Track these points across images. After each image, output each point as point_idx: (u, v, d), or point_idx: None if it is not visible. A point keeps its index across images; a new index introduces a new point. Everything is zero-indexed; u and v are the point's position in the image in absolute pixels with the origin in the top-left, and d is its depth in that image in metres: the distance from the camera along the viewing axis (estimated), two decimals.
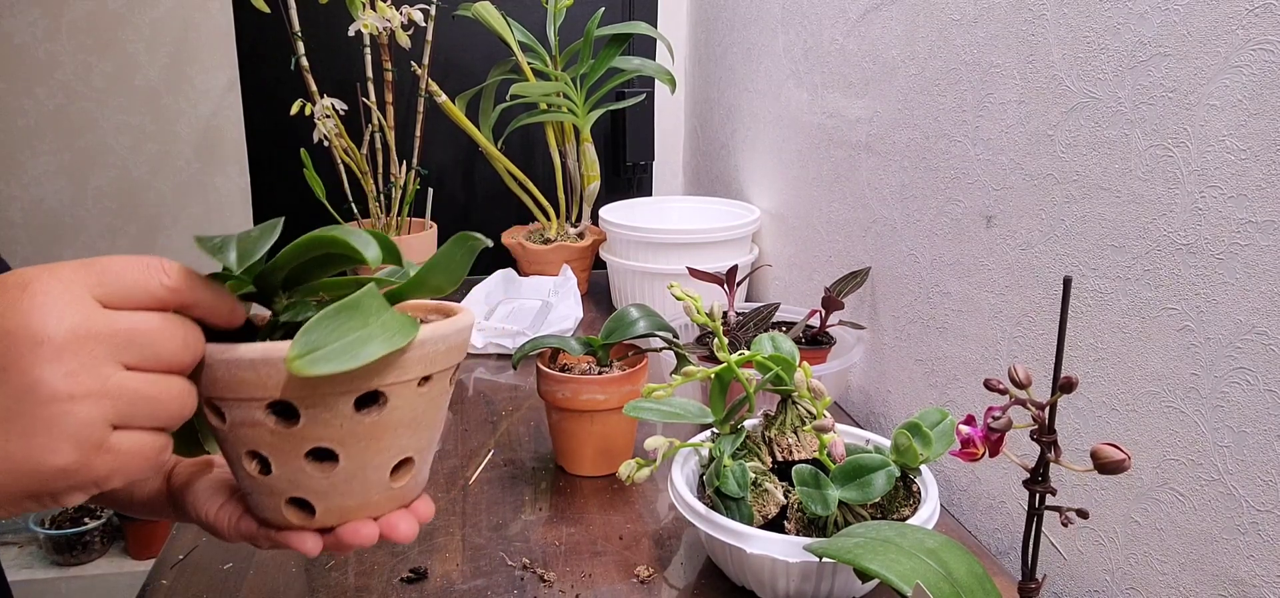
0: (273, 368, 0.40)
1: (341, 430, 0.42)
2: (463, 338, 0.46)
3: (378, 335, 0.40)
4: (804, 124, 1.15)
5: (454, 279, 0.47)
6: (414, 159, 1.35)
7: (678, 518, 0.79)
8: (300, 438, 0.42)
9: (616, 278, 1.35)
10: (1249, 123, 0.52)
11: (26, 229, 1.73)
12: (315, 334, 0.38)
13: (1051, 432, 0.48)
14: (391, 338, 0.40)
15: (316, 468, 0.43)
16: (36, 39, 1.64)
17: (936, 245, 0.85)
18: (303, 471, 0.43)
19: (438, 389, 0.46)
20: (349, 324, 0.39)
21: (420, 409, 0.45)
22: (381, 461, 0.45)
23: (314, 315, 0.39)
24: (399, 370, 0.42)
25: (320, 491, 0.44)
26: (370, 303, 0.41)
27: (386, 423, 0.43)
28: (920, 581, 0.50)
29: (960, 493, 0.84)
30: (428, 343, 0.43)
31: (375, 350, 0.39)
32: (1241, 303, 0.54)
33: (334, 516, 0.45)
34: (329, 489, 0.44)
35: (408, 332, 0.41)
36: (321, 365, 0.37)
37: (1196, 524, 0.58)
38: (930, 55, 0.84)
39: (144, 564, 1.76)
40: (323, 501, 0.44)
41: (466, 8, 1.37)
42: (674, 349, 0.85)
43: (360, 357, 0.39)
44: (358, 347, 0.39)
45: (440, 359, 0.45)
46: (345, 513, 0.45)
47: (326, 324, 0.39)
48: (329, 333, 0.39)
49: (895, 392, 0.95)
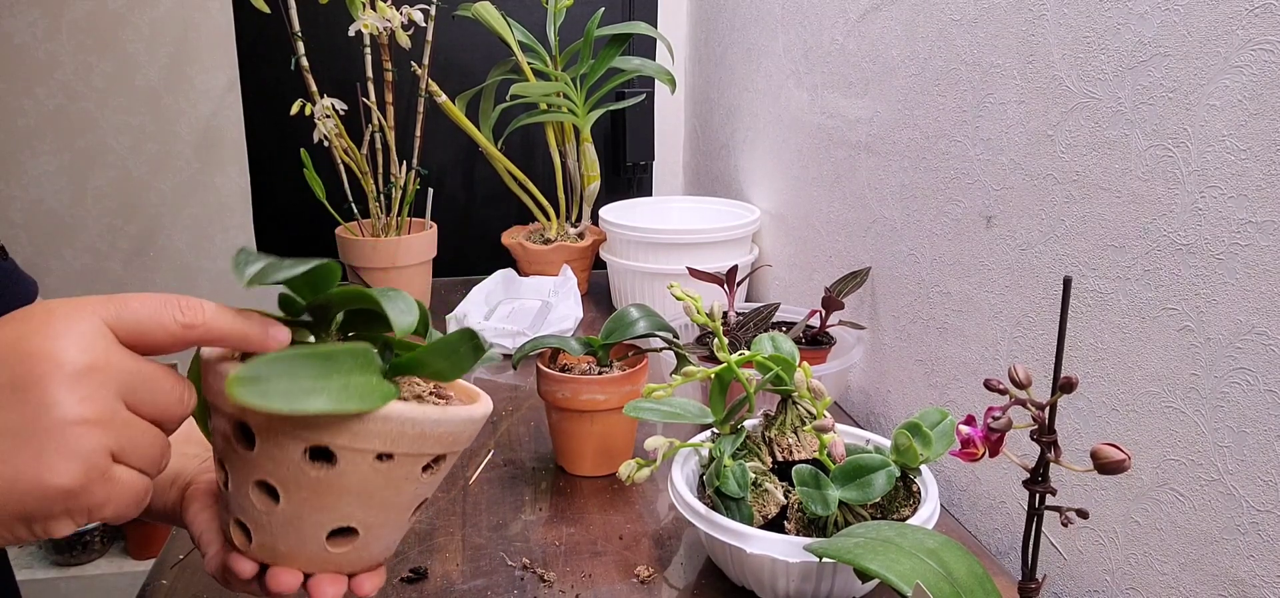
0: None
1: (287, 474, 0.42)
2: (445, 430, 0.44)
3: (330, 391, 0.39)
4: (804, 124, 1.15)
5: (457, 370, 0.45)
6: (414, 159, 1.35)
7: (678, 518, 0.79)
8: (251, 464, 0.43)
9: (616, 278, 1.35)
10: (1249, 123, 0.52)
11: (26, 229, 1.73)
12: (267, 368, 0.38)
13: (1051, 432, 0.48)
14: (342, 400, 0.39)
15: (260, 500, 0.44)
16: (36, 39, 1.64)
17: (936, 245, 0.85)
18: (248, 497, 0.44)
19: (401, 471, 0.44)
20: (307, 370, 0.39)
21: (375, 484, 0.44)
22: (321, 519, 0.44)
23: (289, 350, 0.39)
24: (352, 436, 0.41)
25: (259, 523, 0.44)
26: (346, 360, 0.40)
27: (332, 484, 0.43)
28: (920, 581, 0.50)
29: (960, 493, 0.84)
30: (390, 420, 0.42)
31: (316, 405, 0.38)
32: (1241, 303, 0.54)
33: (266, 552, 0.45)
34: (267, 525, 0.44)
35: (366, 401, 0.40)
36: (253, 395, 0.37)
37: (1196, 524, 0.58)
38: (930, 55, 0.84)
39: (144, 565, 1.76)
40: (259, 533, 0.45)
41: (466, 8, 1.37)
42: (674, 349, 0.85)
43: (298, 404, 0.38)
44: (300, 396, 0.38)
45: (407, 443, 0.43)
46: (276, 555, 0.45)
47: (285, 362, 0.39)
48: (282, 371, 0.38)
49: (895, 392, 0.95)
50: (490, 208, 1.70)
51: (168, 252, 1.78)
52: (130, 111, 1.70)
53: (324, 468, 0.42)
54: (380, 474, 0.43)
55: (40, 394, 0.37)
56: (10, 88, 1.66)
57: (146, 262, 1.78)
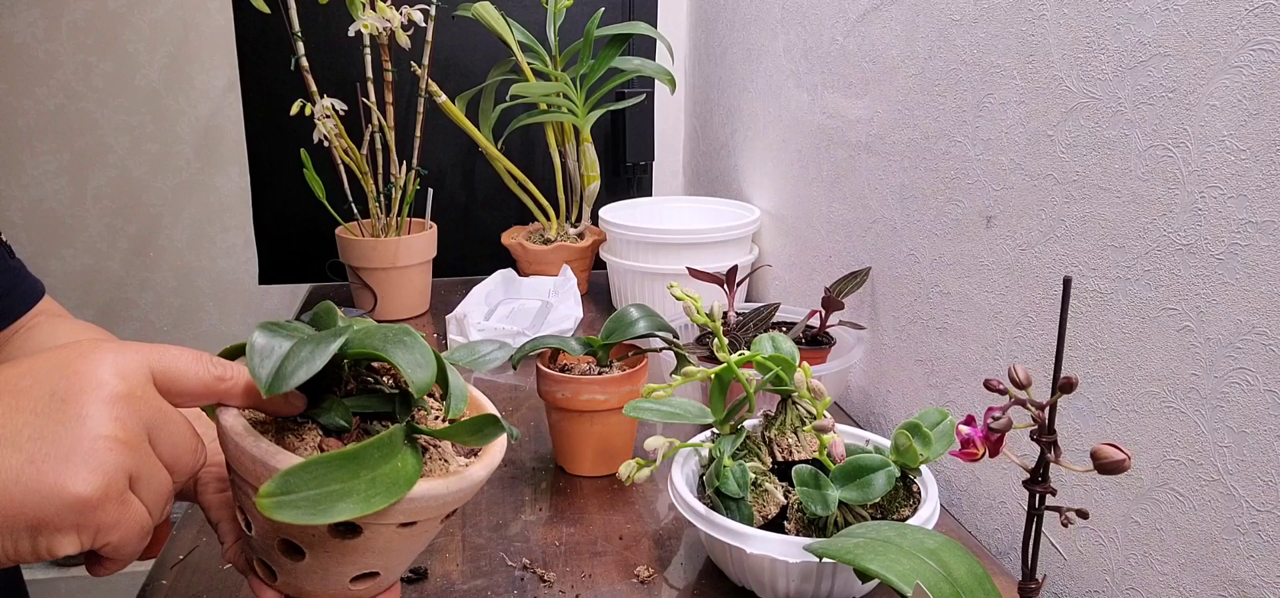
0: (264, 471, 0.42)
1: (312, 539, 0.44)
2: (464, 494, 0.46)
3: (358, 493, 0.40)
4: (804, 124, 1.15)
5: (481, 442, 0.48)
6: (414, 159, 1.35)
7: (678, 518, 0.79)
8: (275, 528, 0.44)
9: (616, 278, 1.35)
10: (1249, 123, 0.52)
11: (26, 229, 1.73)
12: (295, 478, 0.39)
13: (1051, 432, 0.48)
14: (370, 499, 0.40)
15: (285, 553, 0.45)
16: (36, 39, 1.64)
17: (936, 245, 0.85)
18: (272, 550, 0.45)
19: (422, 529, 0.46)
20: (335, 476, 0.40)
21: (397, 544, 0.46)
22: (345, 570, 0.46)
23: (314, 457, 0.40)
24: (377, 516, 0.42)
25: (284, 569, 0.46)
26: (372, 454, 0.41)
27: (358, 548, 0.44)
28: (920, 581, 0.50)
29: (960, 493, 0.84)
30: (414, 501, 0.43)
31: (344, 511, 0.39)
32: (1241, 303, 0.54)
33: (292, 589, 0.47)
34: (292, 572, 0.46)
35: (392, 495, 0.41)
36: (285, 512, 0.38)
37: (1196, 524, 0.58)
38: (930, 55, 0.84)
39: (144, 565, 1.76)
40: (284, 575, 0.47)
41: (466, 8, 1.37)
42: (674, 349, 0.85)
43: (327, 514, 0.39)
44: (329, 502, 0.39)
45: (429, 512, 0.45)
46: (301, 592, 0.47)
47: (313, 472, 0.40)
48: (309, 480, 0.39)
49: (895, 392, 0.95)
50: (490, 208, 1.70)
51: (168, 252, 1.78)
52: (130, 111, 1.70)
53: (350, 538, 0.44)
54: (403, 536, 0.45)
55: (77, 407, 0.39)
56: (10, 88, 1.66)
57: (146, 262, 1.78)
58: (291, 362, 0.41)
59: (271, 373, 0.41)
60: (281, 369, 0.41)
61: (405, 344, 0.43)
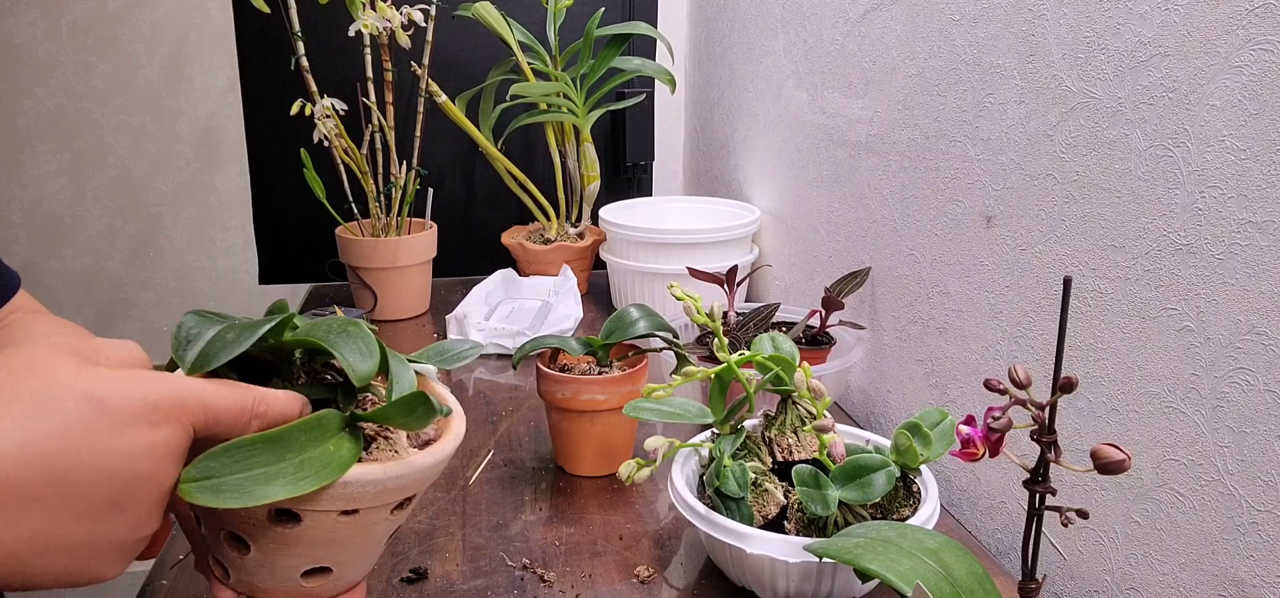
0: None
1: (254, 529, 0.43)
2: (408, 480, 0.45)
3: (285, 476, 0.39)
4: (804, 124, 1.15)
5: (417, 425, 0.46)
6: (414, 159, 1.35)
7: (678, 518, 0.79)
8: (219, 517, 0.44)
9: (616, 278, 1.35)
10: (1249, 123, 0.52)
11: (26, 229, 1.73)
12: (216, 463, 0.39)
13: (1051, 432, 0.48)
14: (297, 481, 0.40)
15: (232, 548, 0.45)
16: (36, 39, 1.64)
17: (936, 245, 0.85)
18: (221, 544, 0.45)
19: (369, 519, 0.45)
20: (259, 459, 0.39)
21: (343, 534, 0.45)
22: (293, 563, 0.45)
23: (237, 440, 0.40)
24: (312, 501, 0.42)
25: (235, 565, 0.46)
26: (299, 436, 0.41)
27: (300, 537, 0.44)
28: (920, 581, 0.50)
29: (960, 493, 0.84)
30: (350, 485, 0.42)
31: (271, 494, 0.39)
32: (1241, 303, 0.54)
33: (245, 587, 0.47)
34: (242, 567, 0.45)
35: (322, 477, 0.40)
36: (206, 497, 0.38)
37: (1196, 524, 0.58)
38: (930, 55, 0.84)
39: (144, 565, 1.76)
40: (236, 572, 0.46)
41: (466, 8, 1.37)
42: (674, 349, 0.85)
43: (252, 497, 0.39)
44: (254, 486, 0.39)
45: (370, 499, 0.44)
46: (254, 590, 0.46)
47: (235, 454, 0.39)
48: (231, 464, 0.39)
49: (895, 392, 0.95)
50: (490, 208, 1.70)
51: (168, 252, 1.78)
52: (130, 111, 1.70)
53: (289, 525, 0.43)
54: (346, 525, 0.44)
55: (135, 516, 0.39)
56: (10, 88, 1.66)
57: (146, 262, 1.78)
58: (217, 343, 0.41)
59: (196, 354, 0.41)
60: (206, 350, 0.41)
61: (348, 334, 0.42)
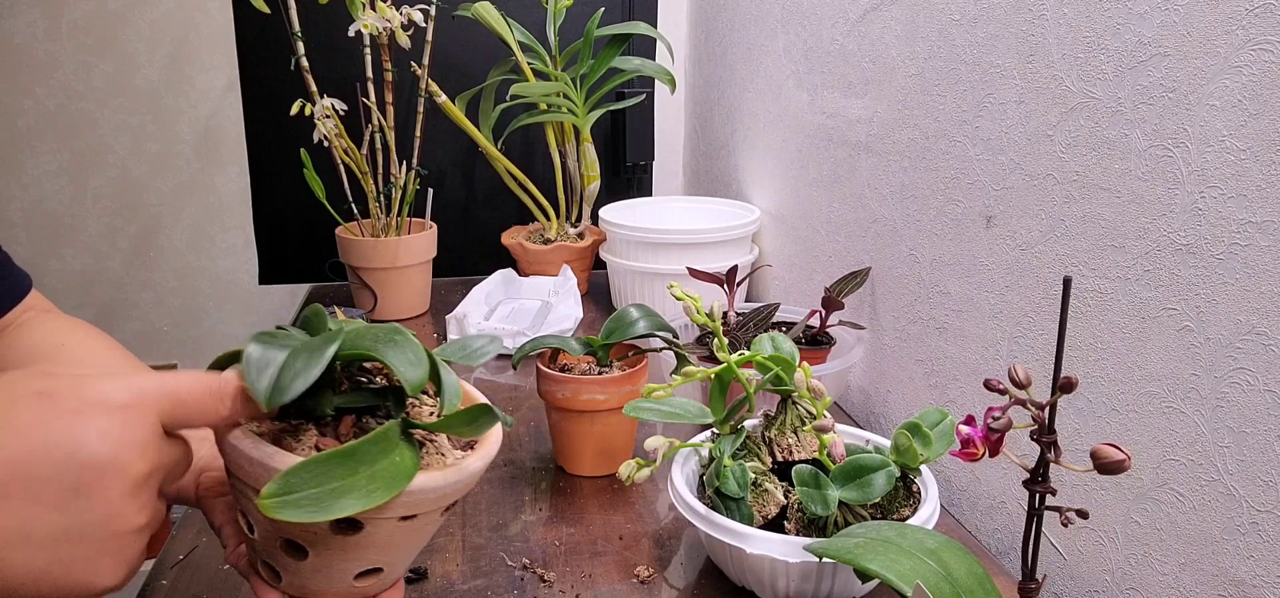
0: (264, 473, 0.42)
1: (314, 537, 0.44)
2: (463, 485, 0.46)
3: (359, 489, 0.40)
4: (804, 124, 1.15)
5: (477, 433, 0.49)
6: (414, 159, 1.35)
7: (678, 518, 0.79)
8: (278, 529, 0.44)
9: (616, 278, 1.35)
10: (1249, 123, 0.52)
11: (26, 229, 1.73)
12: (296, 478, 0.39)
13: (1051, 432, 0.48)
14: (371, 494, 0.40)
15: (289, 554, 0.45)
16: (36, 39, 1.64)
17: (936, 245, 0.85)
18: (276, 551, 0.46)
19: (423, 523, 0.46)
20: (335, 473, 0.40)
21: (398, 538, 0.46)
22: (348, 567, 0.46)
23: (314, 456, 0.40)
24: (377, 510, 0.43)
25: (288, 570, 0.46)
26: (370, 450, 0.42)
27: (360, 543, 0.45)
28: (920, 581, 0.50)
29: (960, 493, 0.84)
30: (413, 493, 0.43)
31: (347, 508, 0.40)
32: (1241, 303, 0.54)
33: (297, 590, 0.47)
34: (296, 572, 0.46)
35: (392, 488, 0.41)
36: (288, 512, 0.39)
37: (1196, 524, 0.58)
38: (930, 55, 0.84)
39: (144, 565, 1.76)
40: (288, 576, 0.47)
41: (466, 8, 1.37)
42: (674, 349, 0.85)
43: (330, 511, 0.39)
44: (331, 499, 0.39)
45: (428, 504, 0.45)
46: (306, 592, 0.47)
47: (313, 470, 0.40)
48: (310, 479, 0.39)
49: (895, 392, 0.95)
50: (490, 208, 1.70)
51: (168, 252, 1.78)
52: (130, 111, 1.70)
53: (351, 534, 0.44)
54: (403, 530, 0.45)
55: (104, 505, 0.38)
56: (10, 88, 1.66)
57: (146, 262, 1.78)
58: (288, 373, 0.41)
59: (269, 385, 0.41)
60: (279, 382, 0.41)
61: (397, 344, 0.43)
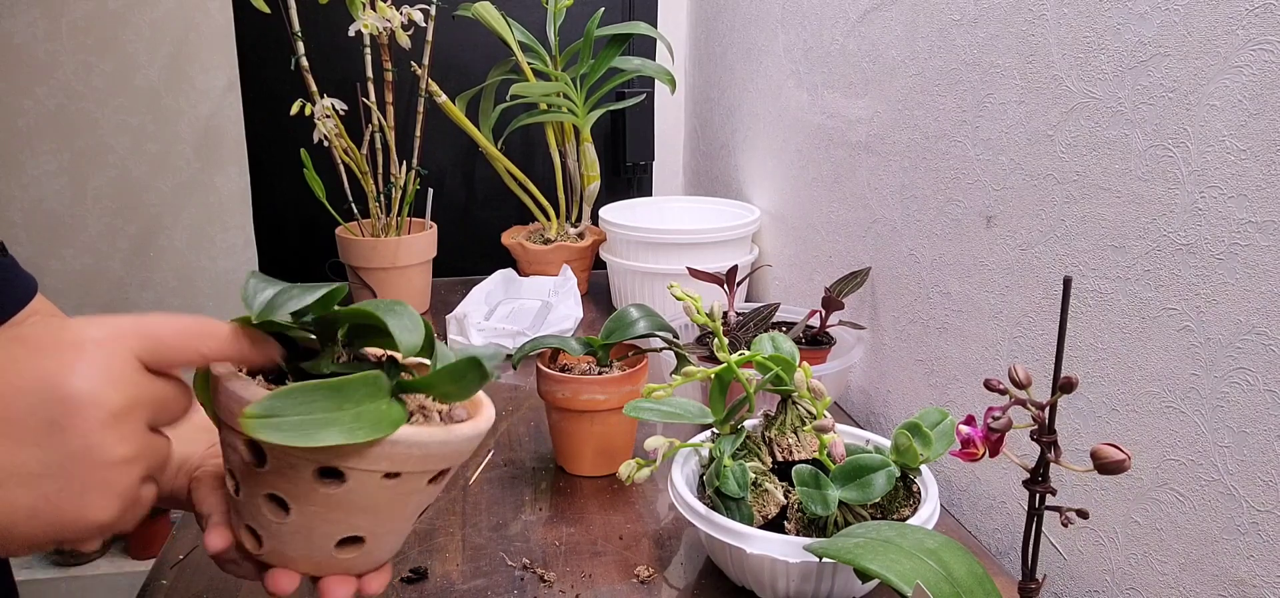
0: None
1: (297, 489, 0.44)
2: (450, 448, 0.45)
3: (342, 424, 0.40)
4: (804, 124, 1.15)
5: (464, 393, 0.47)
6: (414, 159, 1.35)
7: (678, 518, 0.79)
8: (262, 479, 0.44)
9: (616, 278, 1.35)
10: (1249, 123, 0.52)
11: (26, 229, 1.73)
12: (281, 402, 0.39)
13: (1051, 432, 0.48)
14: (354, 431, 0.40)
15: (271, 511, 0.45)
16: (36, 39, 1.64)
17: (936, 245, 0.85)
18: (259, 507, 0.45)
19: (408, 487, 0.46)
20: (321, 404, 0.40)
21: (382, 499, 0.45)
22: (330, 530, 0.46)
23: (301, 384, 0.40)
24: (360, 459, 0.42)
25: (270, 531, 0.46)
26: (357, 389, 0.42)
27: (342, 500, 0.44)
28: (920, 581, 0.50)
29: (960, 493, 0.84)
30: (397, 444, 0.43)
31: (329, 437, 0.40)
32: (1241, 303, 0.54)
33: (275, 557, 0.47)
34: (277, 533, 0.46)
35: (376, 430, 0.41)
36: (268, 432, 0.39)
37: (1196, 524, 0.58)
38: (930, 55, 0.84)
39: (144, 565, 1.76)
40: (269, 540, 0.46)
41: (466, 8, 1.37)
42: (674, 349, 0.85)
43: (312, 438, 0.39)
44: (314, 429, 0.39)
45: (414, 463, 0.44)
46: (285, 559, 0.47)
47: (299, 397, 0.40)
48: (295, 405, 0.40)
49: (895, 392, 0.95)
50: (490, 208, 1.70)
51: (168, 252, 1.78)
52: (130, 111, 1.70)
53: (334, 485, 0.43)
54: (387, 490, 0.45)
55: (82, 437, 0.37)
56: (10, 88, 1.66)
57: (146, 262, 1.78)
58: (283, 296, 0.43)
59: (265, 302, 0.42)
60: (273, 300, 0.43)
61: (396, 311, 0.44)
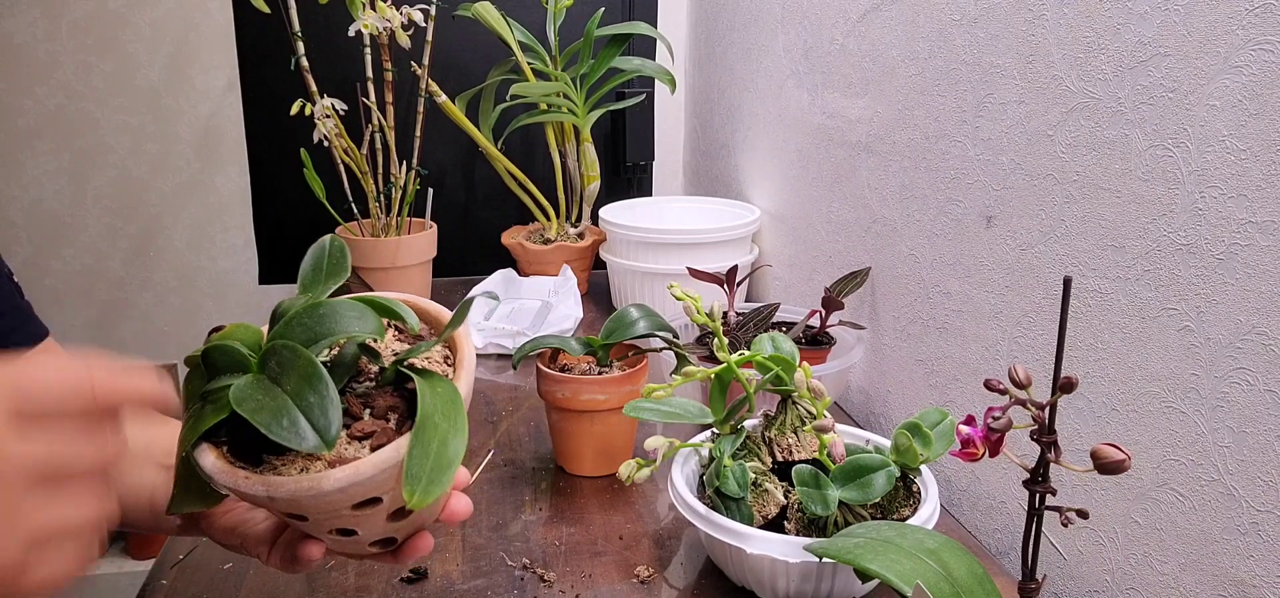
0: (269, 502, 0.42)
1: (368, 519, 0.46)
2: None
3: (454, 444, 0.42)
4: (804, 124, 1.15)
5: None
6: (414, 159, 1.35)
7: (678, 518, 0.79)
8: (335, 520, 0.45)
9: (616, 278, 1.35)
10: (1249, 123, 0.52)
11: (26, 229, 1.73)
12: (416, 464, 0.40)
13: (1051, 432, 0.48)
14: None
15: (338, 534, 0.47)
16: (36, 39, 1.64)
17: (936, 245, 0.85)
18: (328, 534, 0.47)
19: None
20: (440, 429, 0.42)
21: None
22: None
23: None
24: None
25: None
26: (434, 413, 0.43)
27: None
28: (920, 581, 0.50)
29: (960, 493, 0.84)
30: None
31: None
32: (1241, 303, 0.54)
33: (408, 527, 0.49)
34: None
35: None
36: (432, 493, 0.40)
37: (1196, 524, 0.58)
38: (930, 55, 0.84)
39: (144, 564, 1.76)
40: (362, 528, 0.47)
41: (466, 8, 1.37)
42: (674, 349, 0.85)
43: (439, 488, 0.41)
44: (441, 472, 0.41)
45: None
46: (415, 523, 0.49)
47: (427, 445, 0.41)
48: (423, 457, 0.41)
49: (895, 392, 0.95)
50: (490, 208, 1.70)
51: (168, 252, 1.78)
52: (130, 111, 1.70)
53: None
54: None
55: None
56: (10, 88, 1.66)
57: (146, 262, 1.78)
58: (319, 415, 0.40)
59: (316, 442, 0.39)
60: (325, 428, 0.40)
61: (339, 312, 0.45)
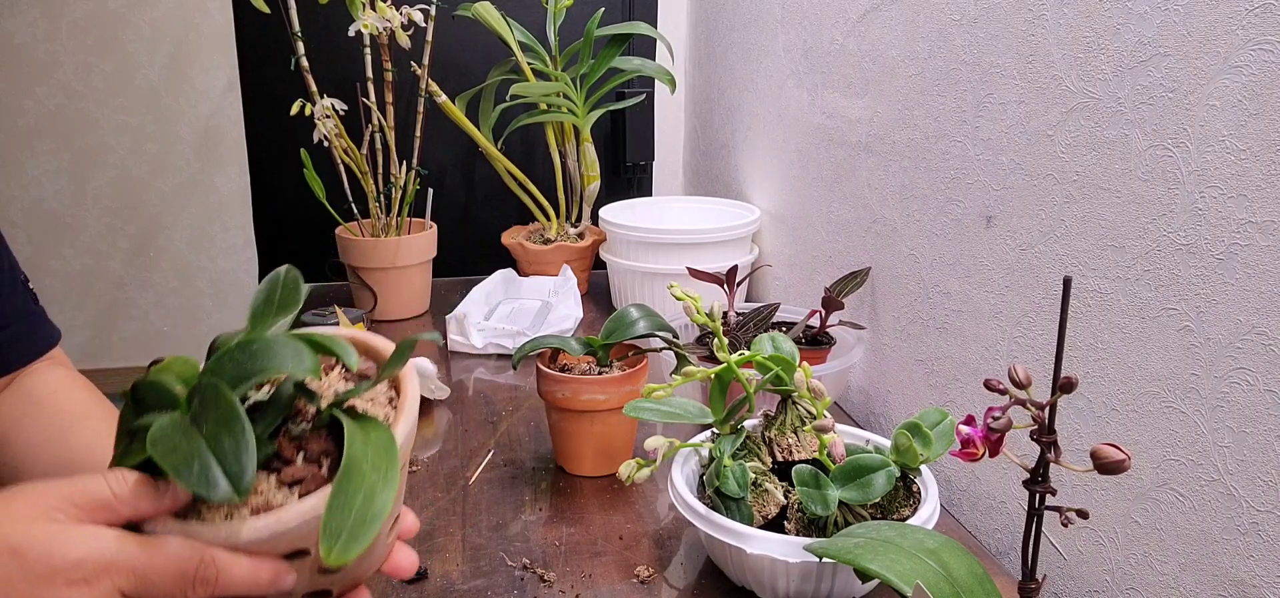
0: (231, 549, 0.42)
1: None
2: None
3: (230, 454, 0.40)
4: (804, 124, 1.15)
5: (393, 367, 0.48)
6: (414, 159, 1.35)
7: (678, 518, 0.79)
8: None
9: (616, 278, 1.35)
10: (1249, 123, 0.52)
11: (26, 229, 1.73)
12: (334, 519, 0.39)
13: (1051, 432, 0.48)
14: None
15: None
16: (36, 39, 1.64)
17: (936, 245, 0.85)
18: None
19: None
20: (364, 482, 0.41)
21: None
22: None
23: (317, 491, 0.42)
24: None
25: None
26: (364, 453, 0.42)
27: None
28: (920, 581, 0.50)
29: (960, 493, 0.84)
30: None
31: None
32: (1241, 303, 0.54)
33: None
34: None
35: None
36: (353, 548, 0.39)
37: (1196, 524, 0.58)
38: (930, 55, 0.84)
39: None
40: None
41: (466, 8, 1.37)
42: (674, 349, 0.85)
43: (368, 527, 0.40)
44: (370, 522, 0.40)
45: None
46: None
47: (350, 501, 0.40)
48: (346, 511, 0.40)
49: (895, 392, 0.95)
50: (490, 208, 1.70)
51: (168, 252, 1.78)
52: (130, 111, 1.70)
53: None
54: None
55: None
56: (10, 88, 1.66)
57: (146, 261, 1.78)
58: (227, 455, 0.40)
59: (229, 476, 0.39)
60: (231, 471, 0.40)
61: (276, 351, 0.42)
